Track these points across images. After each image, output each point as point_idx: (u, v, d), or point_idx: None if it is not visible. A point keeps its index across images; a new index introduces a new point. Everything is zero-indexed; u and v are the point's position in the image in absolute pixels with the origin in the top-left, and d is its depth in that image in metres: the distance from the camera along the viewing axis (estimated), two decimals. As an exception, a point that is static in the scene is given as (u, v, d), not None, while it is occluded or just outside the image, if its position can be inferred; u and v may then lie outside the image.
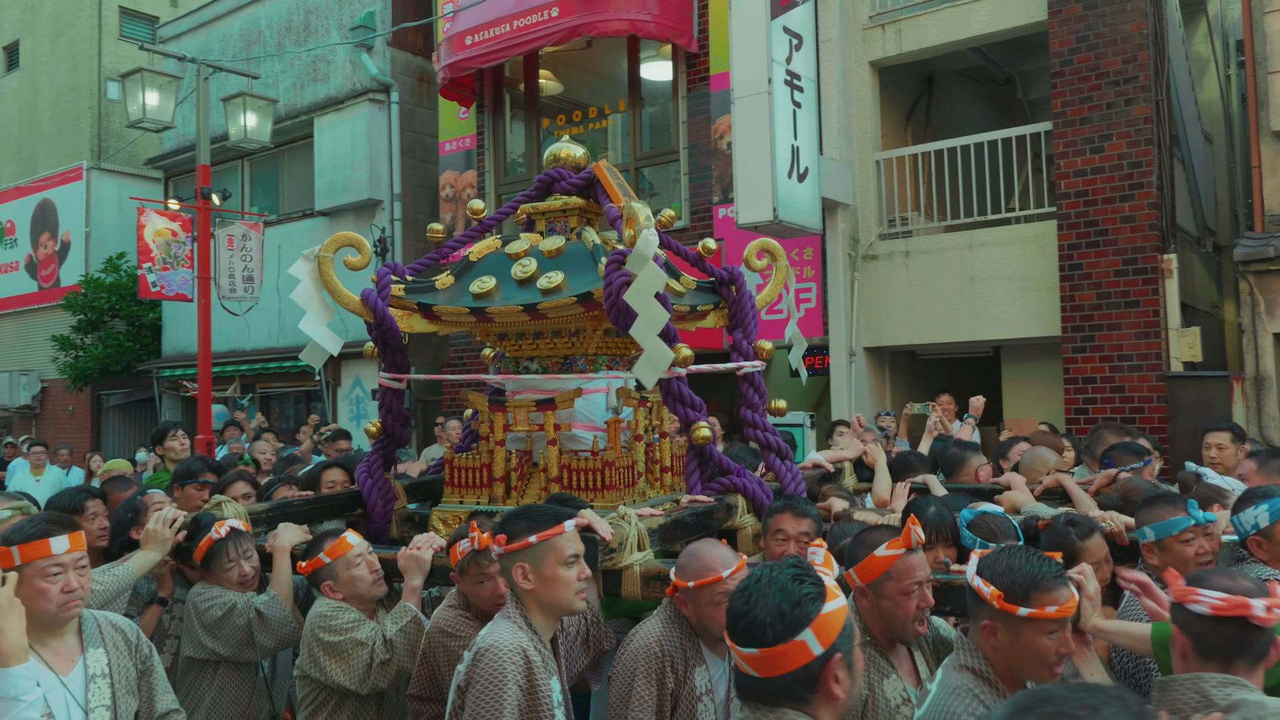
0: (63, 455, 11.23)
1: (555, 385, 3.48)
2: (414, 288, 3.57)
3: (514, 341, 3.62)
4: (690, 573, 2.47)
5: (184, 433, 5.99)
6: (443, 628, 2.72)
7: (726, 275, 3.76)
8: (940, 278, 8.07)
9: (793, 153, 7.66)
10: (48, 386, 16.71)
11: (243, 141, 10.20)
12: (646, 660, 2.47)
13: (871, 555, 2.33)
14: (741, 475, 3.53)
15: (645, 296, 2.91)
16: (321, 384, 12.06)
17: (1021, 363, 8.25)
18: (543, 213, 3.74)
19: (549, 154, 3.81)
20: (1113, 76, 7.27)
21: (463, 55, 9.57)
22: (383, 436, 3.75)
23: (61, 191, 16.26)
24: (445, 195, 10.78)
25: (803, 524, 3.06)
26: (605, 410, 3.54)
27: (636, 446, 3.48)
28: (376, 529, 3.68)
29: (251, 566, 3.16)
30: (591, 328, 3.44)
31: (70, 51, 16.90)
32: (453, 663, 2.60)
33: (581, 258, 3.41)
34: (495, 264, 3.51)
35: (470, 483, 3.48)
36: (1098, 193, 7.30)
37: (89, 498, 3.61)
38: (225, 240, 10.98)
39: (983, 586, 2.03)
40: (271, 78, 12.39)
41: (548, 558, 2.36)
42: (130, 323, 15.03)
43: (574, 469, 3.32)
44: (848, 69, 8.50)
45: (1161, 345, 7.08)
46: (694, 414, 3.40)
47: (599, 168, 3.62)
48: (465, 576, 2.76)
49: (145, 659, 2.57)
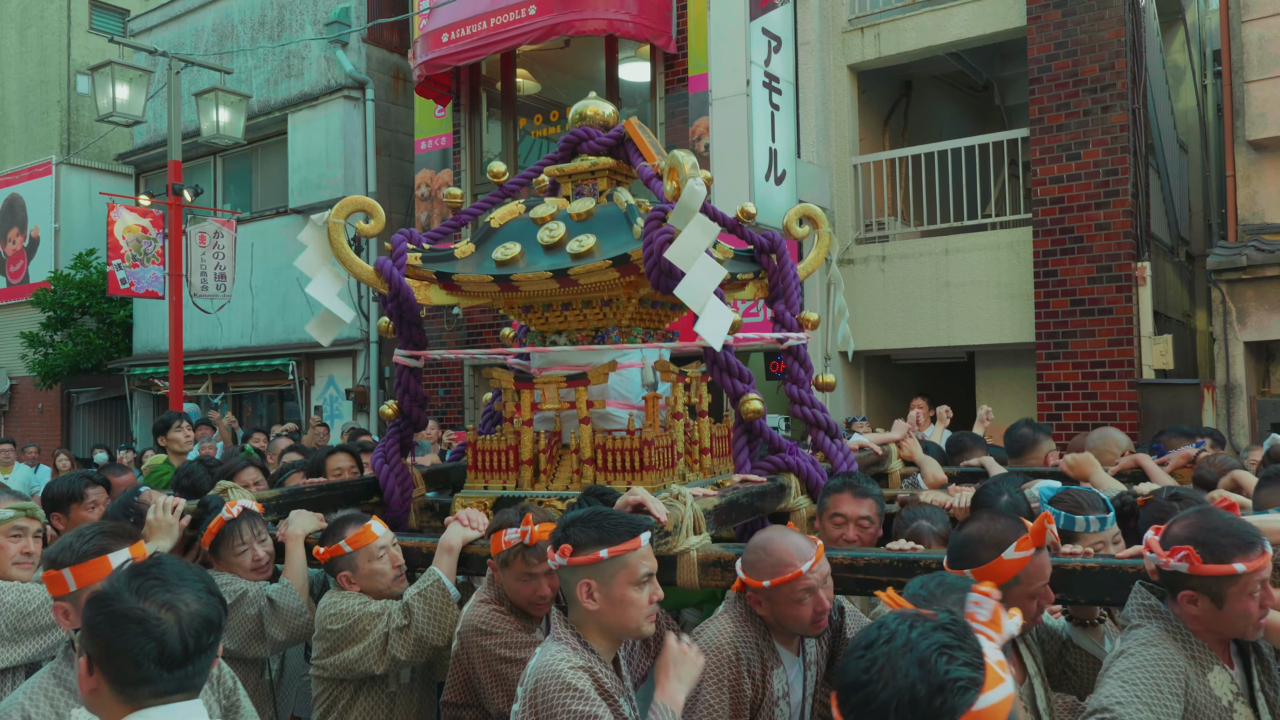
0: (30, 453, 11.05)
1: (587, 359, 3.19)
2: (432, 256, 3.27)
3: (540, 313, 3.32)
4: (764, 570, 2.19)
5: (189, 424, 5.64)
6: (476, 625, 2.46)
7: (767, 242, 3.41)
8: (916, 283, 8.06)
9: (770, 155, 7.63)
10: (16, 384, 16.44)
11: (215, 137, 10.04)
12: (717, 664, 2.19)
13: (1000, 559, 2.02)
14: (794, 453, 3.24)
15: (695, 251, 2.60)
16: (295, 383, 11.91)
17: (996, 368, 8.26)
18: (569, 175, 3.44)
19: (575, 112, 3.49)
20: (1090, 84, 7.28)
21: (439, 53, 9.46)
22: (399, 419, 3.49)
23: (30, 186, 15.98)
24: (421, 194, 10.66)
25: (863, 506, 2.79)
26: (641, 386, 3.29)
27: (675, 425, 3.20)
28: (394, 517, 3.44)
29: (266, 551, 2.87)
30: (626, 296, 3.15)
31: (39, 44, 16.61)
32: (489, 663, 2.41)
33: (614, 220, 3.12)
34: (519, 229, 3.24)
35: (495, 466, 3.19)
36: (1073, 200, 7.31)
37: (89, 484, 3.34)
38: (197, 237, 10.82)
39: (1171, 559, 1.92)
40: (244, 73, 12.22)
41: (618, 576, 2.05)
42: (101, 320, 14.80)
43: (608, 449, 3.02)
44: (826, 72, 8.47)
45: (1134, 352, 7.10)
46: (742, 386, 3.13)
47: (630, 125, 3.32)
48: (508, 570, 2.50)
49: (230, 693, 2.19)
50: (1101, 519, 2.55)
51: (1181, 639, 1.96)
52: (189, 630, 1.42)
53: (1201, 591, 1.93)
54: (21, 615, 2.50)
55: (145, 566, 1.51)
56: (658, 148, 3.32)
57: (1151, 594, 2.03)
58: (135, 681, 1.40)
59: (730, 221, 3.45)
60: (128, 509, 3.10)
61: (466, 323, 10.21)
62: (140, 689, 1.40)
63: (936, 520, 2.90)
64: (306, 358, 11.82)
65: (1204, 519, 1.97)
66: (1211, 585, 1.91)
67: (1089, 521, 2.53)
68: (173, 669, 1.40)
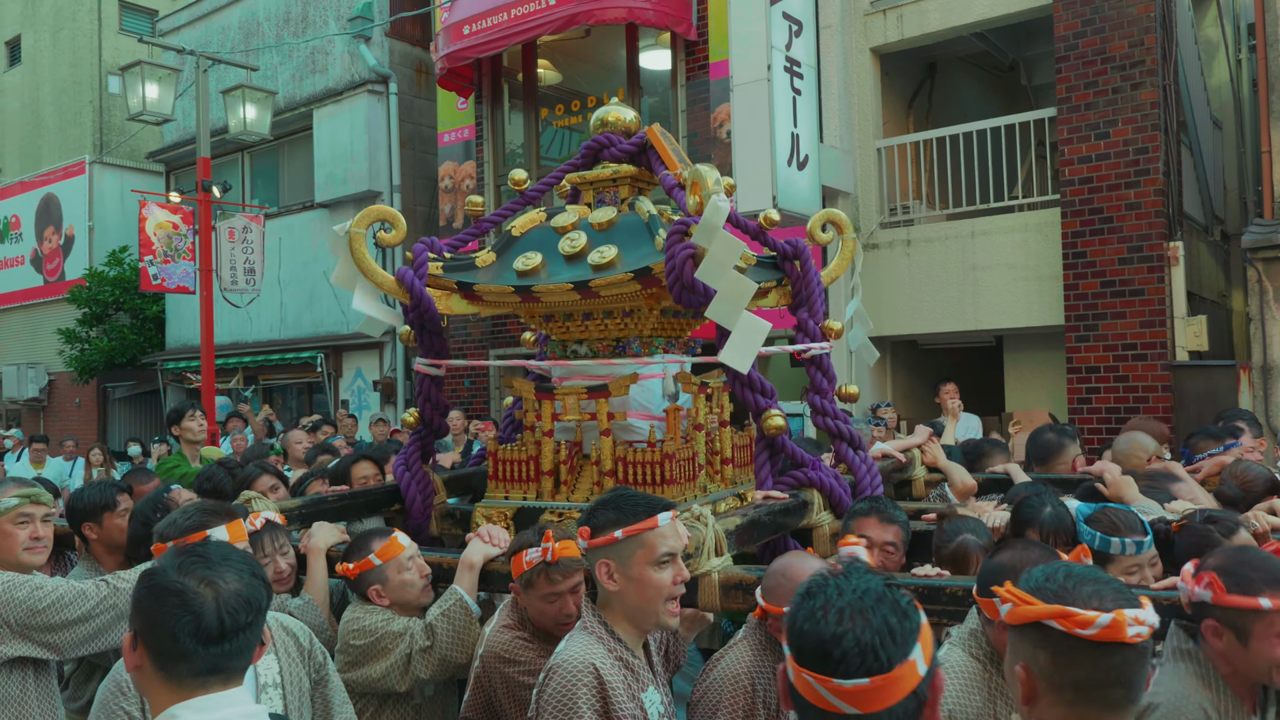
0: (68, 446, 11.31)
1: (608, 370, 3.18)
2: (453, 266, 3.25)
3: (561, 323, 3.30)
4: (785, 596, 2.08)
5: (201, 413, 5.67)
6: (499, 653, 2.43)
7: (790, 249, 3.36)
8: (942, 267, 7.96)
9: (793, 140, 7.56)
10: (55, 379, 16.79)
11: (242, 134, 10.16)
12: (734, 694, 2.18)
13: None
14: (817, 468, 3.19)
15: (723, 269, 2.55)
16: (323, 375, 12.05)
17: (1024, 352, 8.16)
18: (590, 182, 3.40)
19: (596, 118, 3.44)
20: (1119, 61, 7.14)
21: (460, 45, 9.49)
22: (420, 427, 3.49)
23: (64, 186, 16.30)
24: (444, 186, 10.72)
25: (889, 531, 2.71)
26: (662, 397, 3.25)
27: (697, 436, 3.17)
28: (415, 525, 3.45)
29: (288, 563, 2.84)
30: (647, 307, 3.14)
31: (71, 46, 16.90)
32: (511, 689, 2.39)
33: (636, 230, 3.10)
34: (540, 238, 3.22)
35: (516, 476, 3.17)
36: (1102, 179, 7.18)
37: (118, 491, 3.31)
38: (226, 233, 10.98)
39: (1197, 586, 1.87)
40: (270, 70, 12.35)
41: (636, 555, 2.04)
42: (134, 316, 15.07)
43: (629, 461, 3.00)
44: (848, 55, 8.38)
45: (1167, 334, 6.96)
46: (764, 401, 3.09)
47: (652, 132, 3.28)
48: (531, 591, 2.44)
49: (320, 667, 2.27)
50: (1138, 542, 2.44)
51: (1213, 686, 1.87)
52: (226, 607, 1.46)
53: (1225, 624, 1.85)
54: (32, 613, 2.48)
55: (194, 546, 1.56)
56: (680, 155, 3.30)
57: (1190, 637, 1.96)
58: (173, 656, 1.43)
59: (752, 228, 3.42)
60: (156, 505, 3.10)
61: (491, 318, 10.26)
62: (178, 665, 1.44)
63: (980, 534, 2.75)
64: (334, 350, 11.96)
65: (1241, 552, 1.93)
66: (1235, 619, 1.84)
67: (1125, 544, 2.42)
68: (209, 644, 1.44)
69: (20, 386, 16.72)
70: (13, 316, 17.59)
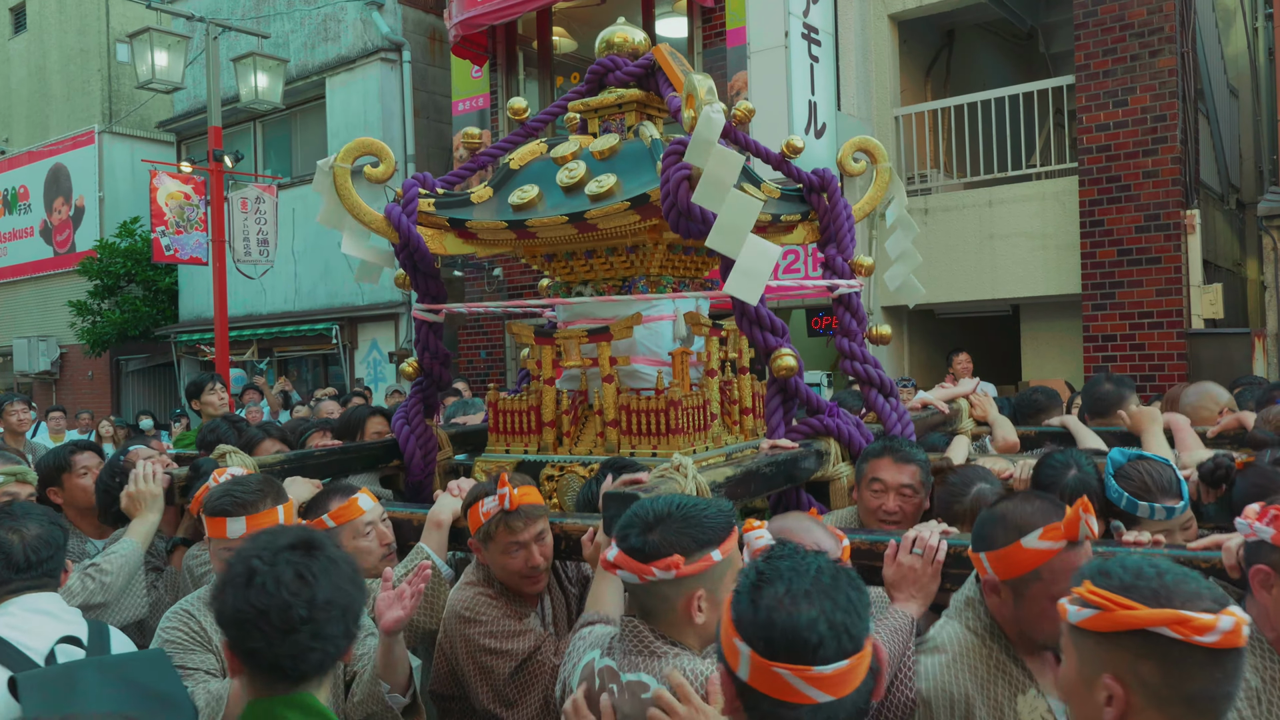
0: (84, 419, 11.37)
1: (610, 311, 2.94)
2: (445, 202, 3.02)
3: (564, 262, 3.08)
4: None
5: (222, 386, 5.43)
6: (459, 612, 2.21)
7: (817, 180, 3.07)
8: (960, 235, 7.99)
9: (810, 108, 7.57)
10: (66, 352, 16.82)
11: (254, 103, 10.14)
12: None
13: (1017, 544, 1.67)
14: (835, 414, 2.87)
15: (721, 189, 2.27)
16: (339, 347, 12.11)
17: (1041, 321, 8.21)
18: (595, 110, 3.15)
19: (601, 40, 3.17)
20: (1137, 28, 7.12)
21: (475, 12, 9.45)
22: (421, 378, 3.25)
23: (74, 156, 16.23)
24: (459, 155, 10.71)
25: (905, 473, 2.47)
26: (671, 340, 3.02)
27: (709, 383, 2.93)
28: (416, 483, 3.23)
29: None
30: (652, 241, 2.89)
31: (78, 12, 16.75)
32: (473, 654, 2.16)
33: (639, 157, 2.84)
34: (540, 171, 2.99)
35: (516, 428, 2.96)
36: (1120, 148, 7.19)
37: (73, 452, 3.15)
38: (239, 203, 10.96)
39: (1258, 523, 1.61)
40: (281, 37, 12.28)
41: (725, 577, 1.67)
42: (147, 287, 15.08)
43: (633, 410, 2.75)
44: (866, 22, 8.35)
45: (1183, 302, 7.02)
46: (774, 339, 2.77)
47: (659, 51, 2.98)
48: (492, 544, 2.21)
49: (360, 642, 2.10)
50: (1169, 508, 2.16)
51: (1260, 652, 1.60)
52: (30, 547, 2.07)
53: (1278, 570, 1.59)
54: None
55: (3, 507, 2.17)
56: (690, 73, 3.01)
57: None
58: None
59: (775, 157, 3.14)
60: (114, 469, 2.95)
61: (507, 284, 10.30)
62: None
63: (993, 483, 2.48)
64: (349, 321, 12.00)
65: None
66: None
67: (1154, 510, 2.17)
68: (19, 573, 2.06)
69: (31, 359, 16.74)
70: (23, 289, 17.59)
